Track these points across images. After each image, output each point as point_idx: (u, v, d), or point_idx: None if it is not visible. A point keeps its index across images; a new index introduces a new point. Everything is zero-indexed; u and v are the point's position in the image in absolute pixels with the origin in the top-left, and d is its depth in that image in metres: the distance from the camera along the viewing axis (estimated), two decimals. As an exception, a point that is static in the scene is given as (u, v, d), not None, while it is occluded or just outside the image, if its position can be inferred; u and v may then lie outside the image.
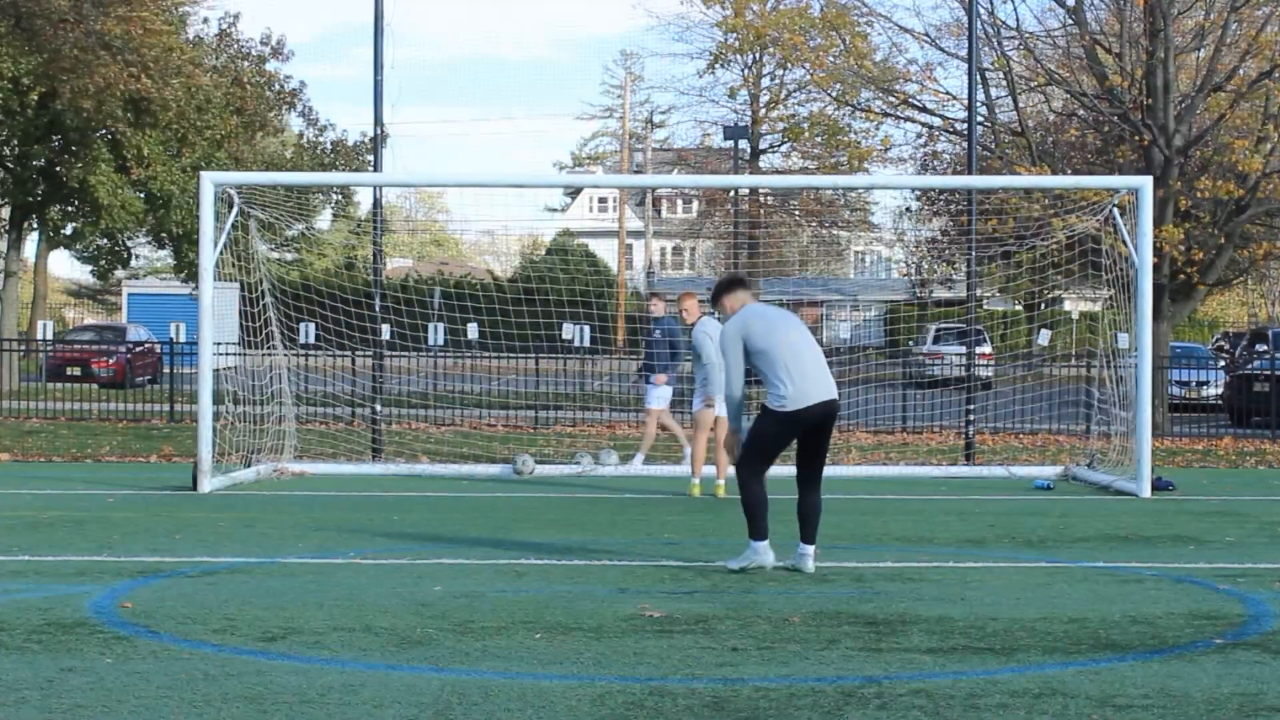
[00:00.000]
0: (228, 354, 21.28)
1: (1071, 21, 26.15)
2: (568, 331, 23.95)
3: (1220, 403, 29.02)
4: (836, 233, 53.20)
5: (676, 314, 16.32)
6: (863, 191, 50.47)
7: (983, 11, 23.47)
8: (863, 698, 6.19)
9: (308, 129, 34.62)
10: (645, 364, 17.52)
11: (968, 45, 21.17)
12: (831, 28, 26.39)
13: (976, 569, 10.01)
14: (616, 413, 25.58)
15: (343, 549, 10.72)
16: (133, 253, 38.83)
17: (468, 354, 27.73)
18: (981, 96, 24.10)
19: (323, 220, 41.53)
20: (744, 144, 43.23)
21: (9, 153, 30.88)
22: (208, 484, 15.03)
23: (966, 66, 21.18)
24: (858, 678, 6.57)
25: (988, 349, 26.66)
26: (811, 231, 50.88)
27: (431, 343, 25.02)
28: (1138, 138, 24.24)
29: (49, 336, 32.42)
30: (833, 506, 14.10)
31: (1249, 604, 8.57)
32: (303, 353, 21.82)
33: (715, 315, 14.22)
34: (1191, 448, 22.12)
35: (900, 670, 6.74)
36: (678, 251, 71.73)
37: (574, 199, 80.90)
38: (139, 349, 36.78)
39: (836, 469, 18.06)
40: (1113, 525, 12.66)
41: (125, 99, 27.68)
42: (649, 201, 62.49)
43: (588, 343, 25.61)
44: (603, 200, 79.12)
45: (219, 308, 16.98)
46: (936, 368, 28.23)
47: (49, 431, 22.45)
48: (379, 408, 19.16)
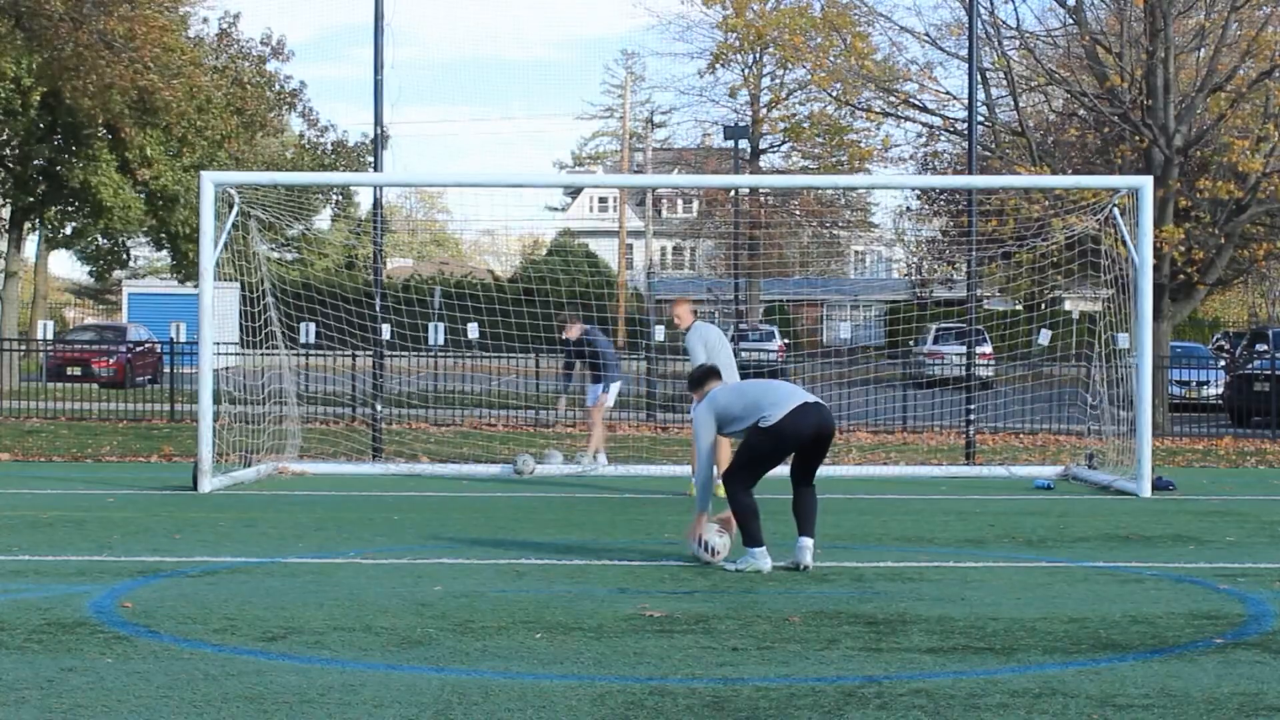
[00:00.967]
0: (228, 354, 21.28)
1: (1072, 21, 26.15)
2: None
3: (1220, 403, 29.02)
4: (836, 233, 53.19)
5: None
6: (863, 191, 50.49)
7: (983, 11, 23.47)
8: (863, 698, 6.19)
9: (308, 129, 34.65)
10: (596, 374, 17.60)
11: (968, 45, 21.17)
12: (832, 28, 26.39)
13: (976, 569, 10.01)
14: (617, 413, 25.57)
15: (343, 549, 10.73)
16: (131, 253, 38.84)
17: (468, 354, 27.73)
18: (981, 96, 24.10)
19: (323, 220, 41.55)
20: (744, 144, 43.22)
21: (10, 153, 30.89)
22: (208, 484, 15.03)
23: (966, 66, 21.19)
24: (858, 678, 6.57)
25: (988, 349, 26.65)
26: (812, 231, 50.87)
27: (431, 343, 25.01)
28: (1138, 138, 24.24)
29: (49, 336, 32.43)
30: (833, 506, 14.11)
31: (1249, 604, 8.57)
32: (303, 352, 21.83)
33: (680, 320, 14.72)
34: (1191, 448, 22.12)
35: (900, 670, 6.74)
36: (678, 251, 71.71)
37: (574, 199, 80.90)
38: (139, 349, 36.79)
39: (836, 469, 18.07)
40: (1113, 525, 12.67)
41: (128, 97, 27.68)
42: (649, 201, 62.45)
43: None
44: (603, 200, 79.11)
45: (219, 308, 16.98)
46: (936, 367, 28.23)
47: (49, 431, 22.44)
48: (379, 408, 19.16)
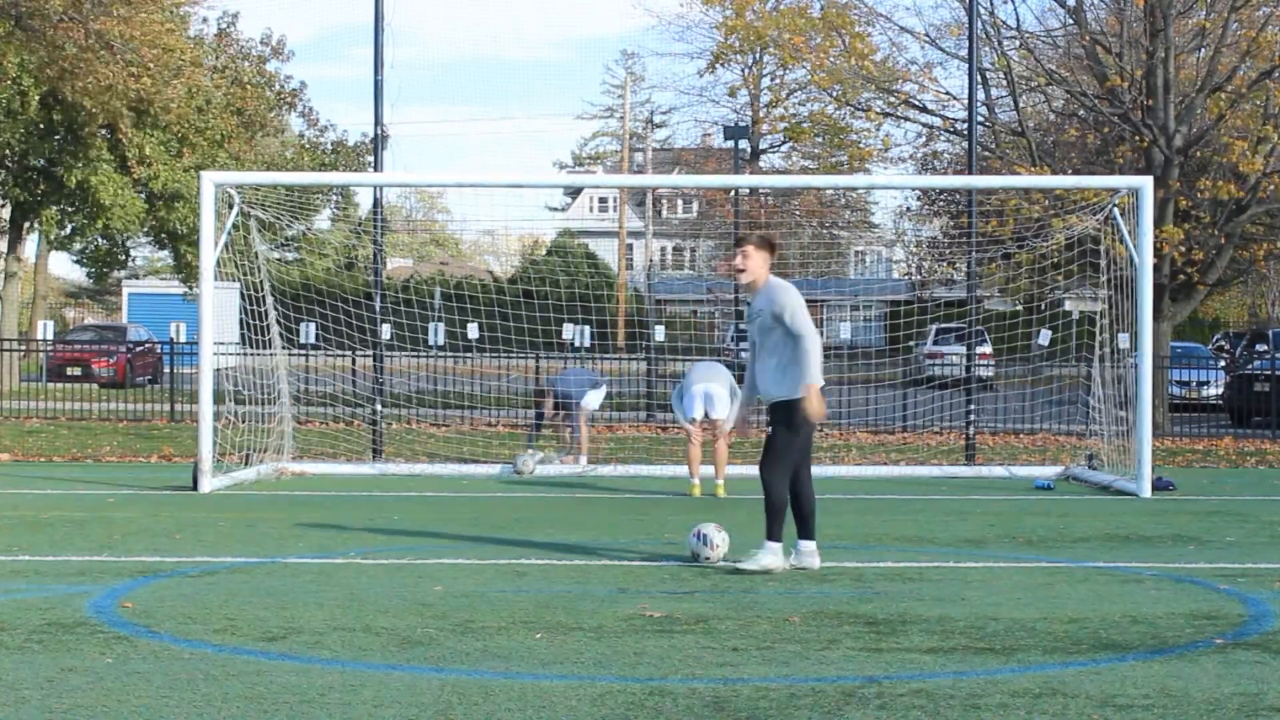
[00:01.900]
0: (228, 354, 21.28)
1: (1071, 22, 26.15)
2: (568, 332, 23.94)
3: (1220, 403, 29.02)
4: (836, 233, 53.20)
5: None
6: (863, 191, 50.48)
7: (983, 11, 23.47)
8: (863, 698, 6.18)
9: (308, 129, 34.65)
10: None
11: (968, 45, 21.18)
12: (832, 28, 26.38)
13: (976, 569, 10.01)
14: (617, 413, 25.58)
15: (343, 549, 10.72)
16: (130, 253, 38.84)
17: (468, 354, 27.73)
18: (981, 96, 24.10)
19: (323, 220, 41.55)
20: (744, 144, 43.20)
21: (9, 153, 30.88)
22: (208, 484, 15.03)
23: (966, 66, 21.19)
24: (858, 678, 6.57)
25: (988, 349, 26.66)
26: (812, 231, 50.86)
27: (431, 343, 25.02)
28: (1138, 138, 24.25)
29: (49, 336, 32.43)
30: (833, 507, 14.11)
31: (1249, 604, 8.57)
32: (303, 353, 21.82)
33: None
34: (1191, 448, 22.13)
35: (900, 670, 6.74)
36: (678, 251, 71.72)
37: (574, 199, 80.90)
38: (139, 349, 36.80)
39: (836, 469, 18.10)
40: (1113, 525, 12.66)
41: (128, 98, 27.69)
42: (649, 201, 62.47)
43: (588, 343, 25.61)
44: (603, 200, 79.12)
45: (219, 308, 16.98)
46: (936, 368, 28.23)
47: (49, 431, 22.45)
48: (379, 408, 19.16)
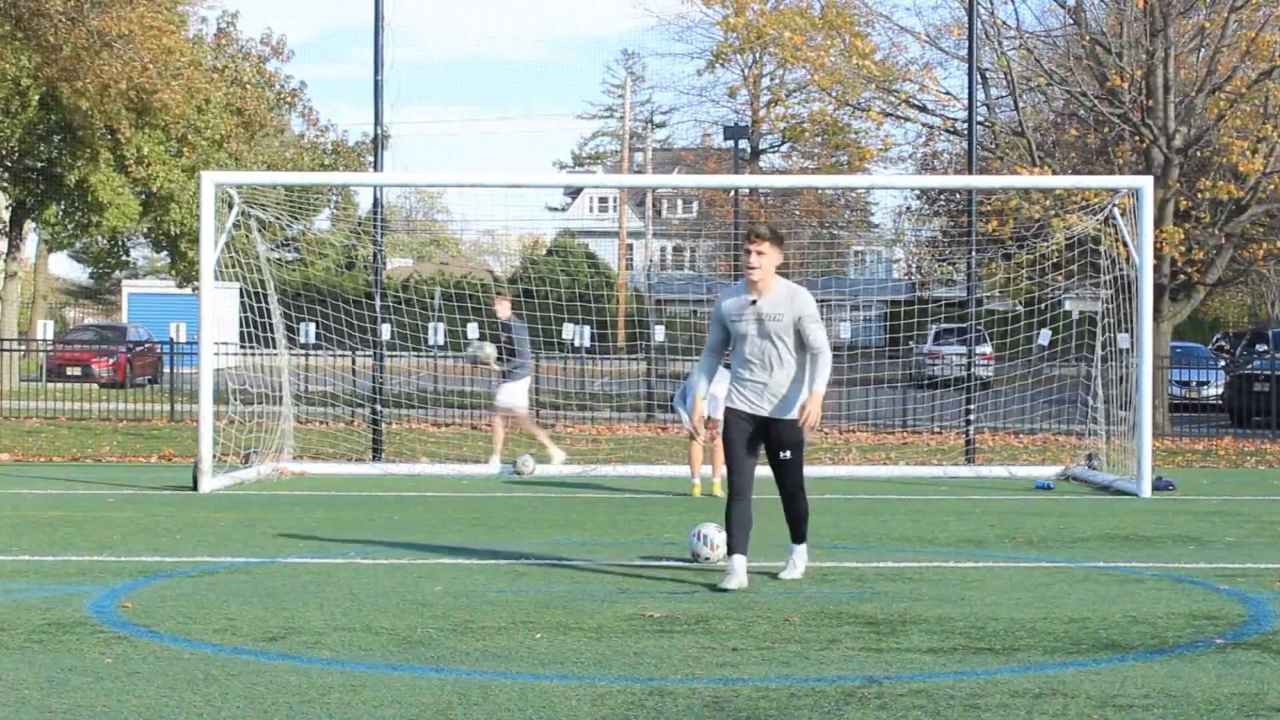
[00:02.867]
0: (228, 354, 21.29)
1: (1071, 22, 26.15)
2: (568, 332, 23.95)
3: (1220, 403, 29.01)
4: (837, 233, 53.20)
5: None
6: (863, 191, 50.48)
7: (983, 11, 23.47)
8: (863, 698, 6.18)
9: (308, 129, 34.65)
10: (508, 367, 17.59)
11: (968, 45, 21.17)
12: (832, 28, 26.39)
13: (976, 569, 10.01)
14: (617, 413, 25.59)
15: (343, 549, 10.72)
16: (130, 253, 38.87)
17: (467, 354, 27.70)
18: (981, 96, 24.10)
19: (323, 220, 41.53)
20: (744, 144, 43.22)
21: (9, 153, 30.89)
22: (208, 484, 15.04)
23: (966, 66, 21.19)
24: (858, 678, 6.57)
25: (988, 349, 26.67)
26: (812, 231, 50.87)
27: (431, 343, 25.02)
28: (1138, 138, 24.24)
29: (49, 336, 32.44)
30: (833, 506, 14.12)
31: (1249, 604, 8.57)
32: (303, 353, 21.80)
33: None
34: (1191, 448, 22.13)
35: (900, 670, 6.74)
36: (678, 251, 71.72)
37: (574, 199, 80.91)
38: (139, 349, 36.80)
39: (837, 469, 18.11)
40: (1113, 525, 12.66)
41: (127, 98, 27.69)
42: (649, 202, 62.46)
43: (588, 343, 25.60)
44: (603, 200, 79.12)
45: (219, 308, 16.98)
46: (936, 368, 28.22)
47: (49, 431, 22.45)
48: (379, 408, 19.16)
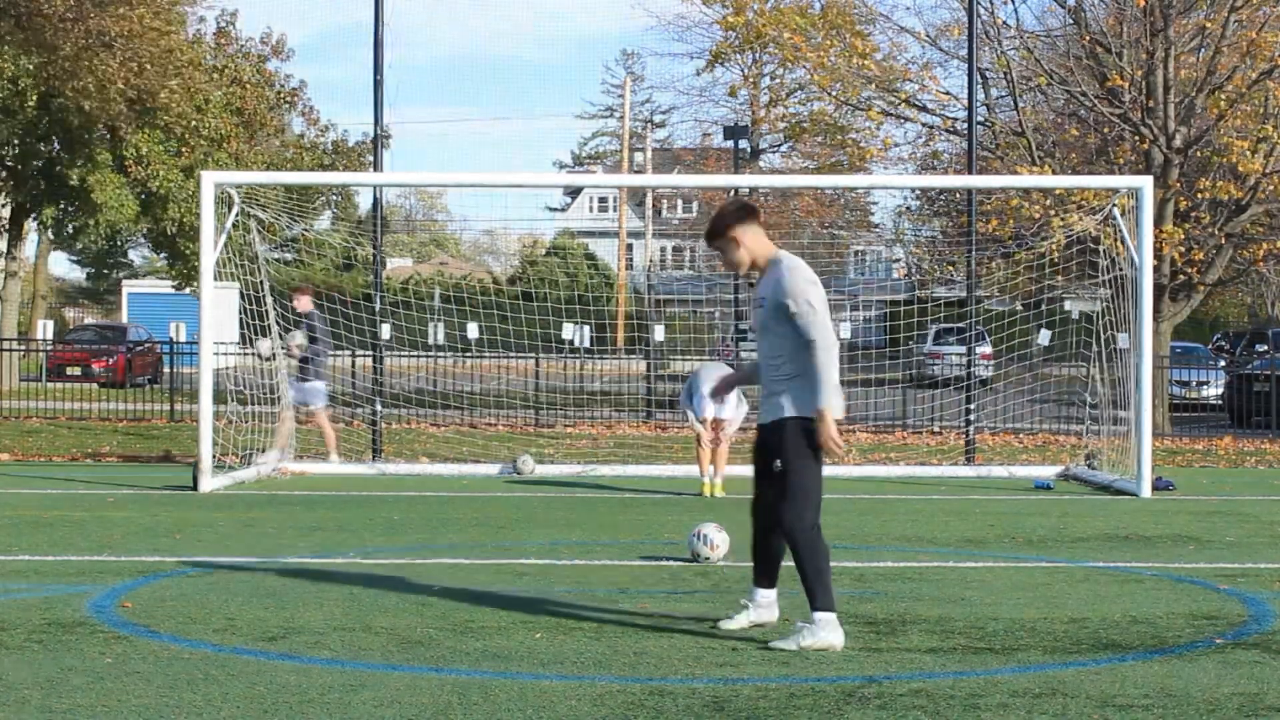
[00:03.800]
0: (228, 354, 21.29)
1: (1071, 22, 26.15)
2: (568, 332, 23.96)
3: (1220, 403, 29.01)
4: (837, 233, 53.20)
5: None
6: (862, 191, 50.47)
7: (983, 11, 23.47)
8: (863, 698, 6.18)
9: (308, 129, 34.63)
10: (304, 364, 17.24)
11: (968, 45, 21.17)
12: (832, 27, 26.39)
13: (976, 569, 10.01)
14: (617, 413, 25.59)
15: (343, 549, 10.72)
16: (128, 253, 38.90)
17: (468, 354, 27.74)
18: (981, 96, 24.10)
19: (323, 221, 41.55)
20: (744, 144, 43.21)
21: (9, 152, 30.88)
22: (208, 484, 15.03)
23: (966, 66, 21.19)
24: (858, 678, 6.57)
25: (988, 349, 26.67)
26: (811, 231, 50.88)
27: (431, 343, 25.02)
28: (1138, 138, 24.24)
29: (49, 336, 32.44)
30: (833, 506, 14.08)
31: (1249, 604, 8.57)
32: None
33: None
34: (1191, 448, 22.12)
35: (900, 670, 6.74)
36: (678, 251, 71.73)
37: (574, 199, 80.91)
38: (139, 349, 36.79)
39: (836, 469, 18.07)
40: (1113, 525, 12.66)
41: (125, 98, 27.68)
42: (649, 202, 62.47)
43: (588, 343, 25.61)
44: (603, 200, 79.12)
45: (219, 308, 16.97)
46: (936, 368, 28.21)
47: (49, 431, 22.45)
48: (379, 408, 19.16)
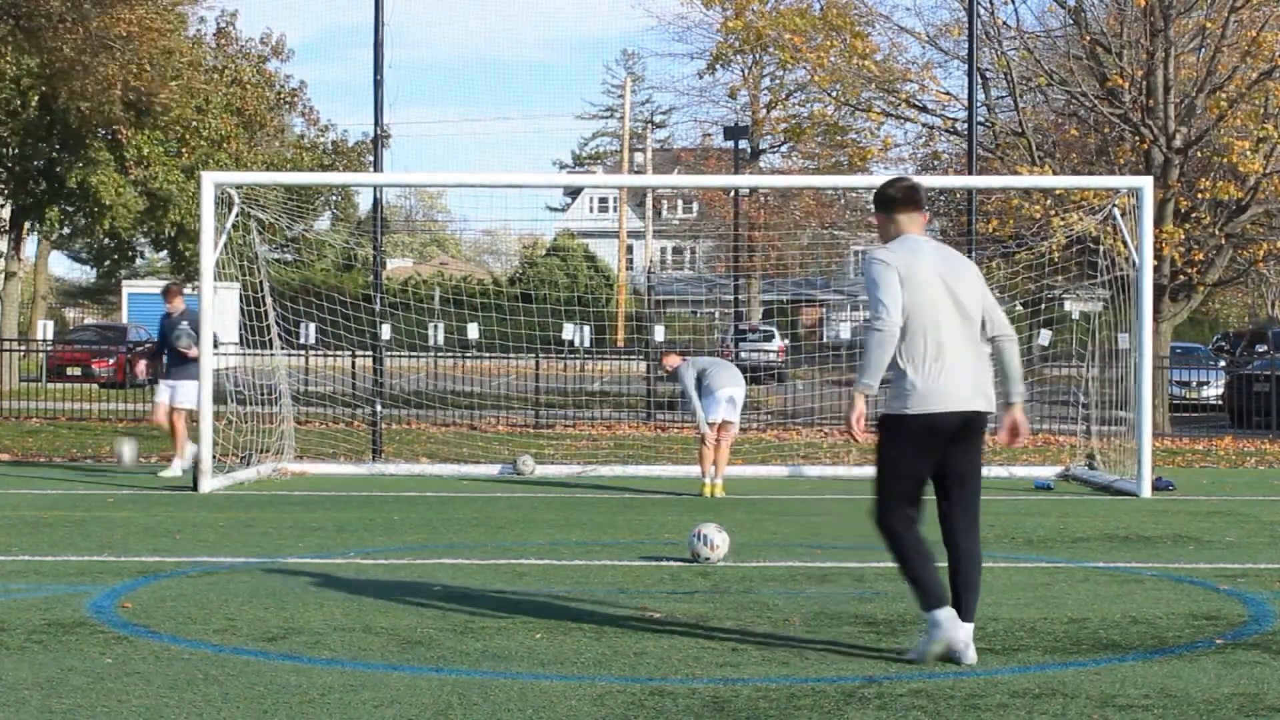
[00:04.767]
0: (228, 354, 21.29)
1: (1071, 22, 26.15)
2: (568, 332, 23.96)
3: (1220, 403, 29.01)
4: (837, 233, 53.20)
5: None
6: (862, 191, 50.42)
7: (983, 11, 23.47)
8: (863, 698, 6.18)
9: (308, 129, 34.67)
10: (170, 363, 16.58)
11: (968, 45, 21.17)
12: (832, 28, 26.38)
13: (976, 569, 10.00)
14: (617, 413, 25.59)
15: (343, 549, 10.72)
16: (131, 254, 38.91)
17: (468, 354, 27.74)
18: (981, 96, 24.10)
19: (322, 221, 41.56)
20: (744, 144, 43.21)
21: (9, 153, 30.89)
22: (208, 484, 15.04)
23: (966, 66, 21.19)
24: (858, 678, 6.57)
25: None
26: (811, 231, 50.89)
27: (431, 343, 25.03)
28: (1138, 138, 24.24)
29: (49, 336, 32.44)
30: (833, 507, 14.13)
31: (1249, 604, 8.57)
32: (303, 353, 21.80)
33: None
34: (1191, 448, 22.12)
35: (900, 670, 6.74)
36: (677, 252, 71.74)
37: (574, 199, 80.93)
38: (139, 349, 36.78)
39: (836, 469, 18.10)
40: (1113, 525, 12.66)
41: (124, 99, 27.69)
42: (649, 202, 62.50)
43: (588, 343, 25.61)
44: (603, 200, 79.12)
45: (219, 308, 16.97)
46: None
47: (49, 431, 22.44)
48: (379, 408, 19.16)
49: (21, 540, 10.99)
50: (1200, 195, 24.31)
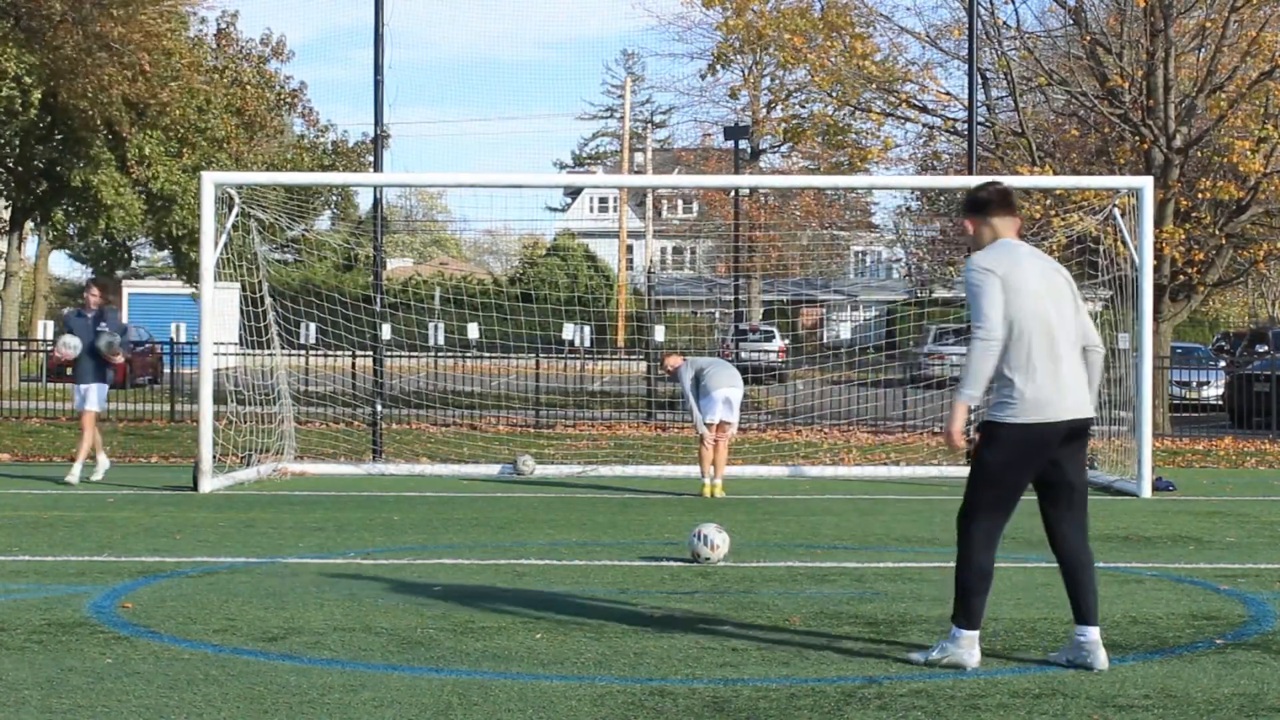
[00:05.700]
0: (228, 354, 21.28)
1: (1071, 22, 26.14)
2: (568, 332, 23.96)
3: (1220, 403, 29.00)
4: (837, 233, 53.23)
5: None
6: (862, 191, 50.49)
7: (983, 11, 23.46)
8: (863, 698, 6.19)
9: (308, 129, 34.66)
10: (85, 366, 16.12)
11: (968, 45, 21.17)
12: (832, 28, 26.38)
13: (976, 569, 10.00)
14: (617, 413, 25.59)
15: (343, 549, 10.72)
16: (133, 253, 38.92)
17: (468, 354, 27.74)
18: (981, 96, 24.09)
19: (323, 221, 41.57)
20: (744, 144, 43.20)
21: (10, 152, 30.88)
22: (208, 484, 15.03)
23: (966, 66, 21.18)
24: (858, 678, 6.57)
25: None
26: (811, 231, 50.91)
27: (431, 343, 25.03)
28: (1138, 138, 24.24)
29: (49, 336, 32.41)
30: (833, 507, 14.13)
31: (1249, 604, 8.57)
32: (303, 353, 21.79)
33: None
34: (1191, 448, 22.12)
35: (900, 670, 6.74)
36: (678, 252, 71.73)
37: (574, 199, 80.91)
38: (139, 349, 36.77)
39: (836, 469, 18.11)
40: (1113, 525, 12.66)
41: (124, 100, 27.67)
42: (649, 202, 62.47)
43: (589, 343, 25.61)
44: (603, 200, 79.10)
45: (219, 308, 16.96)
46: (937, 368, 28.21)
47: (49, 431, 22.43)
48: (379, 408, 19.16)
49: (21, 540, 10.99)
50: (1200, 195, 24.30)
